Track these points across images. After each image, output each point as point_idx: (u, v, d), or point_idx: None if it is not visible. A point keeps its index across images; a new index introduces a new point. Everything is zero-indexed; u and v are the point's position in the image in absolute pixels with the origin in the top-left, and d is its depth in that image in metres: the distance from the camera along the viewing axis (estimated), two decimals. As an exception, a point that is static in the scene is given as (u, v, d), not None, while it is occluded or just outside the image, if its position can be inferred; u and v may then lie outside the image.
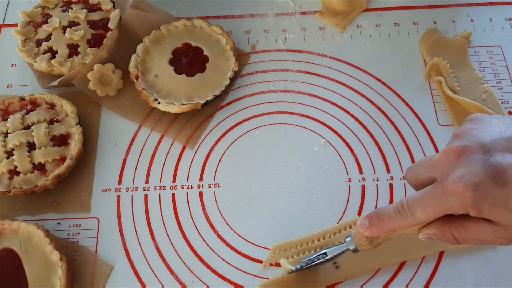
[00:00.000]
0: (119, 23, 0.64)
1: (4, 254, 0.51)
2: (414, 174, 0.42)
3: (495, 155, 0.37)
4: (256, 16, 0.69)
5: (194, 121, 0.61)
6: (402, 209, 0.40)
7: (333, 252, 0.47)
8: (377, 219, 0.42)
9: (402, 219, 0.41)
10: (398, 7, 0.69)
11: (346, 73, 0.64)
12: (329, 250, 0.48)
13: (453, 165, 0.38)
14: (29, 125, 0.58)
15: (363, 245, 0.45)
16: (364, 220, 0.43)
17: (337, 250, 0.47)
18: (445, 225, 0.40)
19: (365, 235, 0.44)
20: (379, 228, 0.42)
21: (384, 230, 0.42)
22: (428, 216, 0.39)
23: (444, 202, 0.38)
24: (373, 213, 0.43)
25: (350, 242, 0.46)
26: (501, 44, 0.65)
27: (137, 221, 0.55)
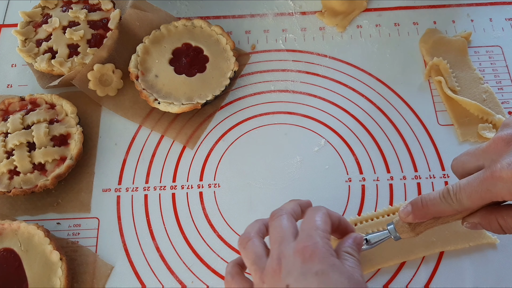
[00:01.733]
0: (119, 23, 0.64)
1: (4, 254, 0.51)
2: (461, 163, 0.42)
3: None
4: (256, 16, 0.69)
5: (194, 121, 0.61)
6: (447, 195, 0.40)
7: (374, 239, 0.46)
8: (421, 204, 0.42)
9: (447, 205, 0.40)
10: (398, 7, 0.69)
11: (346, 73, 0.64)
12: (370, 236, 0.47)
13: (502, 152, 0.38)
14: (29, 125, 0.58)
15: (405, 232, 0.44)
16: (407, 207, 0.43)
17: (378, 237, 0.46)
18: (491, 213, 0.40)
19: (407, 221, 0.43)
20: (423, 214, 0.42)
21: (427, 216, 0.42)
22: (474, 202, 0.39)
23: (491, 188, 0.38)
24: (417, 199, 0.43)
25: (392, 230, 0.45)
26: (501, 44, 0.65)
27: (137, 221, 0.55)
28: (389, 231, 0.46)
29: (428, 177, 0.57)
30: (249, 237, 0.43)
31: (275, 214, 0.43)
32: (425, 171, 0.57)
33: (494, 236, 0.52)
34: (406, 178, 0.57)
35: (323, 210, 0.43)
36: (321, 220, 0.41)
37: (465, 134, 0.59)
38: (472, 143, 0.58)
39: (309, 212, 0.43)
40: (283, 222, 0.42)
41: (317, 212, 0.42)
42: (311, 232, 0.39)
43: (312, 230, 0.40)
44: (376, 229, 0.53)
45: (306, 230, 0.40)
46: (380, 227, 0.53)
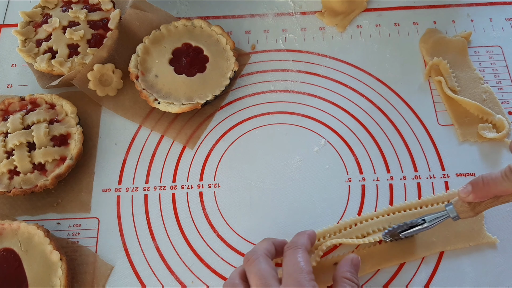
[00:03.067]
0: (119, 23, 0.64)
1: (4, 254, 0.51)
2: None
3: None
4: (256, 16, 0.69)
5: (194, 121, 0.61)
6: (510, 174, 0.40)
7: (432, 219, 0.47)
8: (482, 183, 0.42)
9: (510, 183, 0.40)
10: (398, 7, 0.69)
11: (346, 73, 0.64)
12: (428, 217, 0.47)
13: None
14: (29, 125, 0.58)
15: (464, 211, 0.44)
16: (467, 186, 0.43)
17: (437, 217, 0.46)
18: None
19: (468, 201, 0.43)
20: (484, 193, 0.42)
21: (489, 194, 0.42)
22: None
23: None
24: (478, 178, 0.43)
25: (451, 210, 0.45)
26: (501, 44, 0.65)
27: (137, 221, 0.55)
28: (447, 212, 0.46)
29: (428, 177, 0.57)
30: (256, 256, 0.43)
31: (250, 259, 0.43)
32: (425, 171, 0.57)
33: (494, 236, 0.52)
34: (406, 178, 0.57)
35: (302, 248, 0.43)
36: (303, 260, 0.41)
37: (465, 134, 0.59)
38: (472, 143, 0.58)
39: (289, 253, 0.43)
40: (261, 266, 0.41)
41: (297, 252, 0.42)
42: (298, 277, 0.39)
43: (298, 275, 0.40)
44: (376, 228, 0.53)
45: (292, 274, 0.40)
46: (381, 226, 0.53)
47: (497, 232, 0.53)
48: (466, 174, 0.56)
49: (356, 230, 0.53)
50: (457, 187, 0.55)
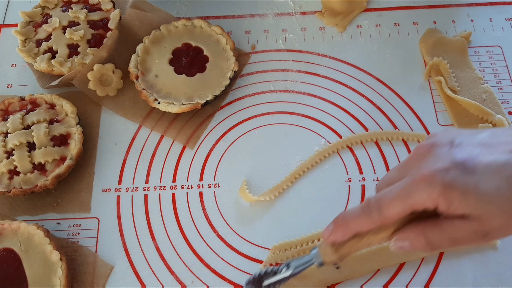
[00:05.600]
0: (119, 23, 0.64)
1: (4, 254, 0.51)
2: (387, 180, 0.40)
3: (463, 147, 0.37)
4: (256, 16, 0.69)
5: (194, 121, 0.61)
6: (367, 206, 0.38)
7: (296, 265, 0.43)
8: (342, 220, 0.40)
9: (367, 216, 0.38)
10: (398, 7, 0.69)
11: (346, 73, 0.64)
12: (293, 263, 0.43)
13: (422, 159, 0.38)
14: (29, 125, 0.58)
15: (328, 254, 0.41)
16: (329, 226, 0.40)
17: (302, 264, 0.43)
18: (417, 227, 0.38)
19: (330, 240, 0.40)
20: (344, 230, 0.39)
21: (348, 231, 0.39)
22: (395, 210, 0.37)
23: (412, 193, 0.36)
24: (339, 215, 0.40)
25: (315, 254, 0.42)
26: (501, 44, 0.65)
27: (137, 221, 0.55)
28: (312, 257, 0.42)
29: (428, 177, 0.56)
30: None
31: None
32: (425, 171, 0.57)
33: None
34: (406, 178, 0.57)
35: None
36: None
37: (465, 134, 0.59)
38: (472, 143, 0.58)
39: None
40: None
41: None
42: None
43: None
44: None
45: None
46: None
47: (497, 232, 0.53)
48: (466, 174, 0.56)
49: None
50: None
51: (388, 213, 0.37)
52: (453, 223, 0.36)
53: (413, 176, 0.37)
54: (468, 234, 0.36)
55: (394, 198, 0.37)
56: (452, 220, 0.36)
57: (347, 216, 0.40)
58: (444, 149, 0.37)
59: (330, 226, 0.40)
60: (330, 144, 0.59)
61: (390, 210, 0.37)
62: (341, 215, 0.40)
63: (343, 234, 0.40)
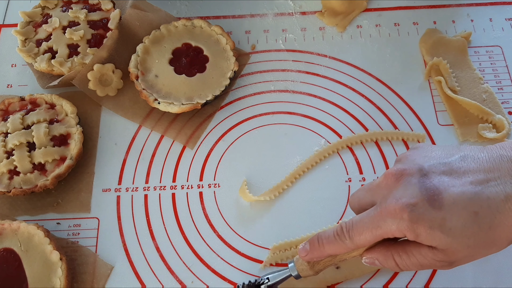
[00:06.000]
0: (119, 23, 0.64)
1: (4, 254, 0.51)
2: (357, 199, 0.42)
3: (432, 178, 0.37)
4: (256, 16, 0.69)
5: (194, 121, 0.61)
6: (341, 233, 0.40)
7: (275, 278, 0.46)
8: (317, 243, 0.42)
9: (341, 243, 0.40)
10: (398, 7, 0.69)
11: (346, 73, 0.64)
12: (272, 275, 0.46)
13: (391, 188, 0.38)
14: (29, 125, 0.58)
15: (304, 270, 0.44)
16: (306, 245, 0.43)
17: (279, 276, 0.46)
18: (387, 250, 0.40)
19: (306, 260, 0.43)
20: (319, 252, 0.42)
21: (323, 254, 0.42)
22: (366, 239, 0.39)
23: (381, 225, 0.38)
24: (314, 237, 0.42)
25: (292, 268, 0.45)
26: (501, 44, 0.65)
27: (137, 221, 0.55)
28: (289, 270, 0.45)
29: (428, 177, 0.56)
30: None
31: None
32: (425, 171, 0.57)
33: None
34: (406, 178, 0.57)
35: None
36: None
37: (465, 134, 0.59)
38: (472, 143, 0.58)
39: None
40: None
41: None
42: None
43: None
44: None
45: None
46: None
47: (497, 232, 0.53)
48: (466, 174, 0.56)
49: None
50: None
51: (360, 241, 0.39)
52: (420, 251, 0.38)
53: (382, 208, 0.38)
54: (435, 262, 0.38)
55: (364, 228, 0.39)
56: (420, 248, 0.38)
57: (322, 240, 0.42)
58: (413, 179, 0.38)
59: (306, 245, 0.43)
60: (330, 144, 0.59)
61: (361, 239, 0.39)
62: (316, 237, 0.42)
63: (318, 256, 0.42)
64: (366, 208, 0.40)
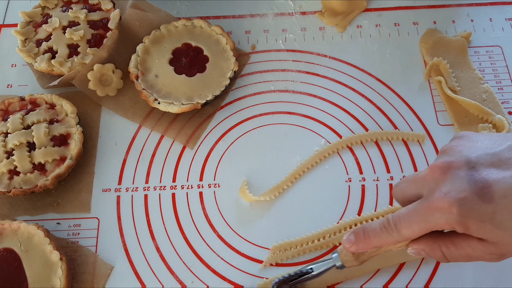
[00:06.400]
0: (119, 23, 0.64)
1: (4, 254, 0.51)
2: (401, 191, 0.42)
3: (480, 171, 0.37)
4: (256, 16, 0.69)
5: (194, 121, 0.61)
6: (388, 225, 0.40)
7: (319, 268, 0.47)
8: (363, 235, 0.42)
9: (387, 235, 0.40)
10: (398, 7, 0.69)
11: (346, 73, 0.64)
12: (315, 266, 0.47)
13: (438, 181, 0.38)
14: (29, 125, 0.58)
15: (349, 261, 0.44)
16: (350, 236, 0.43)
17: (323, 266, 0.46)
18: (434, 241, 0.40)
19: (351, 251, 0.43)
20: (365, 244, 0.42)
21: (370, 246, 0.42)
22: (414, 232, 0.39)
23: (430, 219, 0.37)
24: (359, 229, 0.43)
25: (336, 258, 0.45)
26: (501, 44, 0.65)
27: (137, 221, 0.55)
28: (333, 260, 0.45)
29: (428, 177, 0.56)
30: None
31: None
32: (425, 171, 0.57)
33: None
34: (406, 178, 0.57)
35: None
36: None
37: (465, 134, 0.59)
38: (472, 143, 0.58)
39: None
40: None
41: None
42: None
43: None
44: None
45: None
46: None
47: (497, 232, 0.53)
48: (466, 174, 0.56)
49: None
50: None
51: (407, 234, 0.39)
52: (469, 243, 0.38)
53: (429, 202, 0.38)
54: (484, 254, 0.38)
55: (412, 222, 0.39)
56: (469, 240, 0.38)
57: (369, 232, 0.42)
58: (461, 172, 0.37)
59: (351, 236, 0.43)
60: (330, 144, 0.59)
61: (409, 233, 0.39)
62: (361, 229, 0.42)
63: (364, 247, 0.42)
64: (411, 200, 0.40)
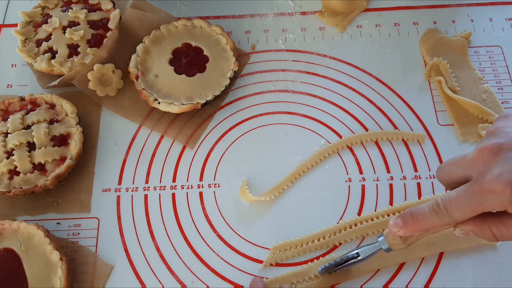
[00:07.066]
0: (119, 23, 0.64)
1: (4, 254, 0.51)
2: (447, 173, 0.42)
3: None
4: (256, 16, 0.69)
5: (194, 121, 0.61)
6: (437, 208, 0.40)
7: (366, 252, 0.47)
8: (411, 218, 0.42)
9: (438, 218, 0.40)
10: (398, 7, 0.69)
11: (346, 73, 0.64)
12: (361, 250, 0.47)
13: (489, 164, 0.38)
14: (29, 125, 0.58)
15: (396, 244, 0.45)
16: (397, 220, 0.43)
17: (370, 250, 0.47)
18: (483, 222, 0.40)
19: (398, 235, 0.43)
20: (414, 228, 0.42)
21: (418, 229, 0.42)
22: (465, 215, 0.39)
23: (482, 201, 0.38)
24: (407, 213, 0.43)
25: (383, 242, 0.45)
26: (501, 44, 0.65)
27: (137, 221, 0.55)
28: (379, 244, 0.46)
29: (428, 177, 0.57)
30: None
31: None
32: (425, 171, 0.57)
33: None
34: (406, 178, 0.57)
35: None
36: None
37: (465, 134, 0.59)
38: (472, 143, 0.58)
39: None
40: None
41: None
42: None
43: None
44: (376, 230, 0.53)
45: None
46: (381, 228, 0.53)
47: (497, 232, 0.53)
48: (466, 174, 0.56)
49: (356, 230, 0.53)
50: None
51: (458, 217, 0.40)
52: None
53: (481, 184, 0.38)
54: None
55: (463, 204, 0.39)
56: None
57: (417, 215, 0.42)
58: None
59: (398, 220, 0.43)
60: (330, 144, 0.59)
61: (460, 215, 0.39)
62: (409, 212, 0.43)
63: (412, 231, 0.43)
64: (458, 182, 0.40)
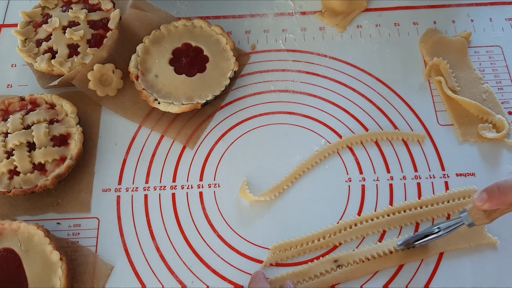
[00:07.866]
0: (119, 23, 0.64)
1: (4, 254, 0.51)
2: None
3: None
4: (256, 16, 0.69)
5: (194, 121, 0.61)
6: None
7: (447, 227, 0.47)
8: (498, 192, 0.42)
9: None
10: (398, 7, 0.69)
11: (346, 73, 0.64)
12: (442, 225, 0.47)
13: None
14: (29, 125, 0.58)
15: (480, 219, 0.45)
16: (482, 194, 0.43)
17: (452, 225, 0.47)
18: None
19: (483, 209, 0.43)
20: (500, 201, 0.42)
21: (506, 202, 0.42)
22: None
23: None
24: (493, 187, 0.43)
25: (466, 217, 0.45)
26: (501, 44, 0.65)
27: (137, 221, 0.55)
28: (462, 219, 0.46)
29: (428, 177, 0.57)
30: None
31: None
32: (425, 171, 0.57)
33: (494, 237, 0.52)
34: (406, 178, 0.57)
35: None
36: None
37: (465, 134, 0.59)
38: (472, 143, 0.58)
39: None
40: None
41: None
42: None
43: None
44: (376, 230, 0.53)
45: None
46: (380, 228, 0.53)
47: (498, 233, 0.53)
48: (466, 174, 0.57)
49: (356, 230, 0.53)
50: (457, 187, 0.55)
51: None
52: None
53: None
54: None
55: None
56: None
57: (505, 188, 0.42)
58: None
59: (483, 194, 0.43)
60: (330, 144, 0.59)
61: None
62: (495, 186, 0.43)
63: (498, 204, 0.43)
64: None
